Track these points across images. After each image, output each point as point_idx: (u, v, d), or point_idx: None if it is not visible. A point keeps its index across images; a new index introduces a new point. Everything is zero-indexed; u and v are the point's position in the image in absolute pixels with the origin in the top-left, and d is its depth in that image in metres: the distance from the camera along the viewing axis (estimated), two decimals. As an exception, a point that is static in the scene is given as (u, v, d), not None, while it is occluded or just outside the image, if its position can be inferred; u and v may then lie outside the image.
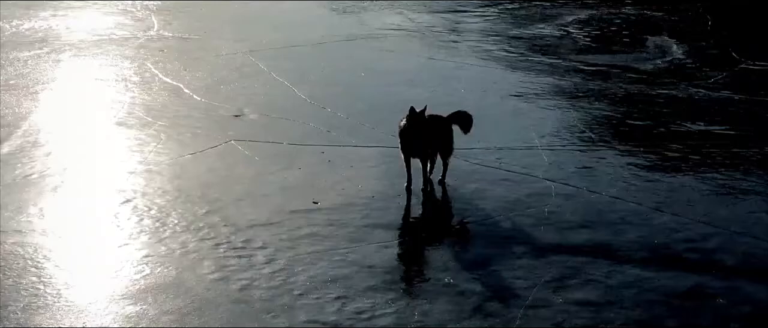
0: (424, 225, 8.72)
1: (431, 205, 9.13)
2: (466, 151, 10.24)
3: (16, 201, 8.97)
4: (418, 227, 8.67)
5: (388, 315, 6.86)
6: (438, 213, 9.00)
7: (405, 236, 8.43)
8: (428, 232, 8.52)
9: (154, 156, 10.31)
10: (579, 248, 8.04)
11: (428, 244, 8.25)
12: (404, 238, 8.39)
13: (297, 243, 8.13)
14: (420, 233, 8.53)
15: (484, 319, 6.82)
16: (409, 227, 8.65)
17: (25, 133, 11.08)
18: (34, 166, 9.94)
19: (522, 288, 7.29)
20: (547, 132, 11.23)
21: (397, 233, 8.42)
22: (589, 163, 10.15)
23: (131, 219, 8.62)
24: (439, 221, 8.78)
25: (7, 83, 13.35)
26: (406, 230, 8.58)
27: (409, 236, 8.46)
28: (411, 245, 8.25)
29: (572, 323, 6.78)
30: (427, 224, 8.75)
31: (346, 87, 13.46)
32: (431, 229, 8.59)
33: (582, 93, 13.13)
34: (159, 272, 7.54)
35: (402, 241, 8.31)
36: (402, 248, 8.15)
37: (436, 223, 8.74)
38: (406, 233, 8.49)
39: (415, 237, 8.44)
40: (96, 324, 6.70)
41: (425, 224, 8.74)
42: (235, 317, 6.83)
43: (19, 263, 7.65)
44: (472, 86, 13.47)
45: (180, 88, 13.18)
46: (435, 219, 8.83)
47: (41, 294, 7.13)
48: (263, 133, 11.10)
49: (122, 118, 11.82)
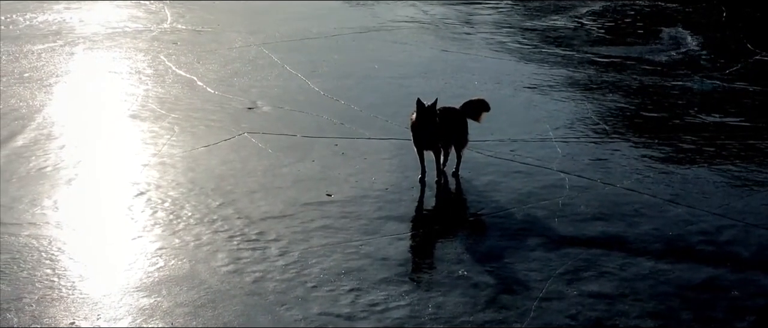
0: (438, 217, 8.71)
1: (445, 197, 9.11)
2: (479, 144, 10.22)
3: (31, 194, 8.99)
4: (432, 220, 8.66)
5: (401, 307, 6.86)
6: (451, 205, 8.98)
7: (418, 228, 8.42)
8: (442, 224, 8.50)
9: (167, 148, 10.32)
10: (593, 240, 8.02)
11: (442, 236, 8.23)
12: (418, 230, 8.37)
13: (310, 235, 8.13)
14: (433, 225, 8.52)
15: (498, 311, 6.81)
16: (423, 220, 8.64)
17: (39, 126, 11.10)
18: (48, 158, 9.96)
19: (536, 280, 7.27)
20: (561, 124, 11.20)
21: (410, 225, 8.41)
22: (603, 155, 10.12)
23: (145, 212, 8.64)
24: (452, 214, 8.76)
25: (22, 76, 13.38)
26: (419, 222, 8.57)
27: (422, 228, 8.45)
28: (424, 238, 8.23)
29: (586, 316, 6.76)
30: (441, 216, 8.74)
31: (360, 79, 13.45)
32: (445, 221, 8.57)
33: (596, 85, 13.09)
34: (173, 264, 7.55)
35: (415, 233, 8.30)
36: (415, 240, 8.14)
37: (449, 215, 8.72)
38: (419, 226, 8.48)
39: (429, 229, 8.42)
40: (110, 316, 6.71)
41: (439, 217, 8.73)
42: (249, 310, 6.84)
43: (34, 256, 7.67)
44: (486, 78, 13.45)
45: (193, 81, 13.20)
46: (448, 211, 8.82)
47: (56, 286, 7.15)
48: (277, 126, 11.10)
49: (136, 110, 11.84)
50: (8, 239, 7.96)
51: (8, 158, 9.92)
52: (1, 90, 12.61)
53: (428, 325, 6.62)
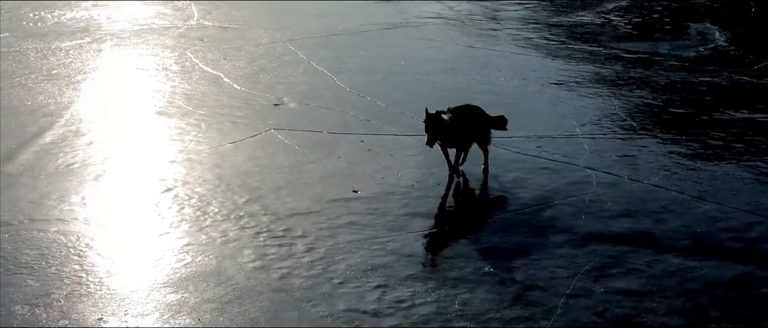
0: (464, 214, 8.69)
1: (471, 194, 9.10)
2: (506, 140, 10.19)
3: (59, 190, 9.04)
4: (458, 216, 8.64)
5: (428, 304, 6.85)
6: (478, 202, 8.97)
7: (445, 224, 8.41)
8: (468, 221, 8.49)
9: (194, 145, 10.35)
10: (620, 237, 7.99)
11: (468, 233, 8.22)
12: (444, 227, 8.36)
13: (337, 232, 8.13)
14: (460, 221, 8.50)
15: (525, 308, 6.79)
16: (449, 216, 8.63)
17: (67, 122, 11.16)
18: (76, 155, 10.01)
19: (563, 277, 7.25)
20: (588, 120, 11.15)
21: (436, 222, 8.40)
22: (631, 151, 10.07)
23: (172, 208, 8.67)
24: (478, 210, 8.74)
25: (50, 73, 13.45)
26: (445, 218, 8.55)
27: (448, 224, 8.44)
28: (451, 234, 8.22)
29: (613, 313, 6.73)
30: (467, 212, 8.72)
31: (386, 75, 13.44)
32: (471, 218, 8.56)
33: (623, 81, 13.03)
34: (200, 260, 7.57)
35: (442, 230, 8.29)
36: (442, 237, 8.13)
37: (475, 212, 8.71)
38: (445, 222, 8.47)
39: (455, 226, 8.40)
40: (137, 312, 6.74)
41: (465, 213, 8.71)
42: (275, 306, 6.85)
43: (62, 252, 7.71)
44: (512, 74, 13.41)
45: (220, 78, 13.23)
46: (475, 208, 8.80)
47: (84, 282, 7.19)
48: (303, 122, 11.12)
49: (163, 107, 11.88)
50: (37, 235, 8.01)
51: (37, 155, 9.98)
52: (30, 87, 12.69)
53: (455, 322, 6.61)
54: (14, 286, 7.08)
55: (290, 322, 6.61)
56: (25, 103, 11.91)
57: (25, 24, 16.96)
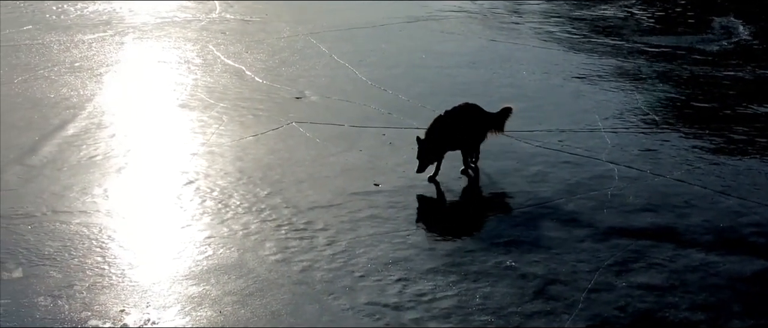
0: (486, 207, 8.67)
1: (493, 187, 9.07)
2: (527, 134, 10.17)
3: (81, 182, 9.08)
4: (480, 210, 8.61)
5: (449, 298, 6.84)
6: (499, 196, 8.93)
7: (466, 218, 8.39)
8: (489, 214, 8.47)
9: (216, 138, 10.37)
10: (642, 232, 7.95)
11: (489, 226, 8.20)
12: (465, 220, 8.34)
13: (358, 225, 8.13)
14: (481, 215, 8.47)
15: (546, 302, 6.77)
16: (471, 210, 8.60)
17: (89, 115, 11.21)
18: (98, 147, 10.05)
19: (584, 272, 7.23)
20: (610, 114, 11.11)
21: (457, 216, 8.38)
22: (653, 145, 10.03)
23: (194, 200, 8.69)
24: (500, 204, 8.72)
25: (73, 66, 13.51)
26: (467, 212, 8.53)
27: (470, 218, 8.41)
28: (472, 228, 8.20)
29: (635, 307, 6.71)
30: (489, 206, 8.69)
31: (407, 69, 13.43)
32: (492, 211, 8.54)
33: (646, 75, 12.97)
34: (221, 253, 7.58)
35: (463, 223, 8.27)
36: (463, 231, 8.11)
37: (497, 205, 8.68)
38: (467, 216, 8.44)
39: (476, 220, 8.38)
40: (159, 304, 6.76)
41: (487, 207, 8.69)
42: (297, 299, 6.86)
43: (85, 244, 7.74)
44: (534, 68, 13.37)
45: (242, 71, 13.25)
46: (496, 202, 8.77)
47: (106, 274, 7.22)
48: (324, 115, 11.12)
49: (185, 100, 11.91)
50: (59, 227, 8.05)
51: (59, 147, 10.02)
52: (53, 79, 12.74)
53: (475, 316, 6.60)
54: (37, 277, 7.11)
55: (311, 315, 6.62)
56: (48, 96, 11.97)
57: (48, 17, 17.04)
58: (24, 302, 6.73)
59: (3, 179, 9.10)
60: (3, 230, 7.95)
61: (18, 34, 15.65)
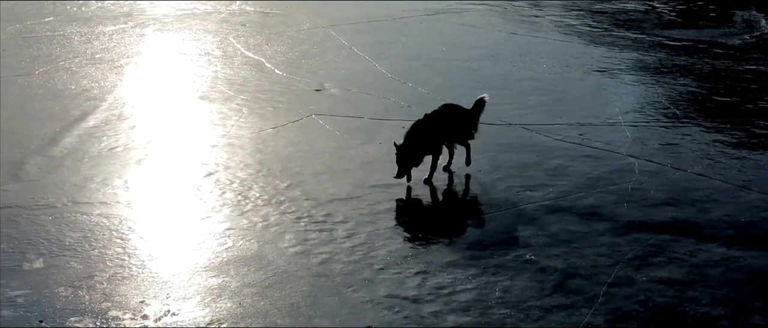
0: (505, 201, 8.64)
1: (512, 181, 9.04)
2: (548, 127, 10.15)
3: (102, 173, 9.11)
4: (499, 203, 8.59)
5: (468, 291, 6.83)
6: (519, 189, 8.90)
7: (486, 211, 8.37)
8: (509, 208, 8.44)
9: (236, 130, 10.39)
10: (663, 226, 7.92)
11: (509, 220, 8.17)
12: (485, 214, 8.32)
13: (377, 218, 8.13)
14: (501, 209, 8.45)
15: (566, 296, 6.75)
16: (490, 203, 8.57)
17: (110, 106, 11.24)
18: (118, 139, 10.08)
19: (604, 266, 7.20)
20: (631, 108, 11.07)
21: (477, 209, 8.36)
22: (674, 139, 9.98)
23: (214, 192, 8.70)
24: (520, 197, 8.69)
25: (93, 57, 13.55)
26: (486, 205, 8.51)
27: (489, 211, 8.39)
28: (492, 221, 8.17)
29: (655, 302, 6.68)
30: (508, 200, 8.66)
31: (427, 62, 13.41)
32: (512, 205, 8.51)
33: (667, 68, 12.91)
34: (241, 245, 7.60)
35: (482, 217, 8.25)
36: (482, 224, 8.09)
37: (517, 199, 8.65)
38: (487, 209, 8.42)
39: (496, 213, 8.36)
40: (179, 295, 6.78)
41: (506, 200, 8.65)
42: (316, 291, 6.86)
43: (105, 235, 7.77)
44: (554, 61, 13.33)
45: (262, 63, 13.26)
46: (516, 195, 8.74)
47: (126, 265, 7.24)
48: (344, 108, 11.12)
49: (205, 92, 11.93)
50: (80, 218, 8.08)
51: (80, 138, 10.06)
52: (74, 71, 12.79)
53: (495, 309, 6.59)
54: (58, 268, 7.14)
55: (331, 307, 6.62)
56: (69, 87, 12.01)
57: (69, 8, 17.10)
58: (45, 292, 6.76)
59: (24, 170, 9.14)
60: (24, 221, 7.98)
61: (39, 25, 15.71)
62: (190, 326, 6.35)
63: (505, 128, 10.36)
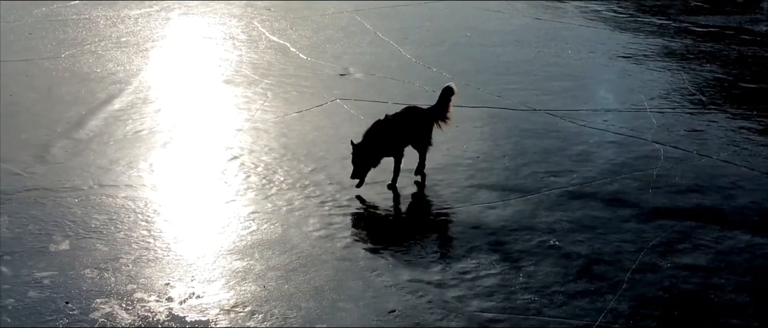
0: (529, 186, 8.61)
1: (536, 166, 9.01)
2: (573, 113, 10.12)
3: (127, 156, 9.15)
4: (523, 189, 8.56)
5: (492, 276, 6.83)
6: (543, 175, 8.88)
7: (510, 197, 8.35)
8: (533, 193, 8.43)
9: (260, 114, 10.41)
10: (688, 213, 7.88)
11: (533, 206, 8.14)
12: (509, 199, 8.31)
13: (401, 202, 8.13)
14: (525, 194, 8.43)
15: (590, 282, 6.74)
16: (514, 189, 8.55)
17: (135, 90, 11.29)
18: (144, 122, 10.12)
19: (629, 252, 7.18)
20: (656, 94, 11.02)
21: (501, 194, 8.35)
22: (700, 126, 9.94)
23: (238, 176, 8.73)
24: (544, 183, 8.67)
25: (119, 41, 13.60)
26: (510, 191, 8.48)
27: (513, 197, 8.38)
28: (516, 207, 8.15)
29: (680, 289, 6.66)
30: (532, 185, 8.64)
31: (451, 46, 13.39)
32: (536, 190, 8.49)
33: (693, 55, 12.84)
34: (265, 228, 7.62)
35: (507, 202, 8.23)
36: (507, 209, 8.07)
37: (541, 184, 8.63)
38: (510, 194, 8.40)
39: (520, 198, 8.35)
40: (204, 278, 6.80)
41: (530, 186, 8.63)
42: (340, 274, 6.87)
43: (130, 217, 7.81)
44: (579, 47, 13.28)
45: (286, 47, 13.27)
46: (540, 181, 8.72)
47: (151, 248, 7.27)
48: (368, 92, 11.12)
49: (230, 76, 11.96)
50: (106, 200, 8.12)
51: (106, 121, 10.11)
52: (99, 54, 12.84)
53: (519, 294, 6.58)
54: (84, 250, 7.18)
55: (355, 291, 6.63)
56: (95, 70, 12.06)
57: (94, -8, 17.16)
58: (71, 273, 6.80)
59: (50, 153, 9.19)
60: (50, 203, 8.03)
61: (65, 8, 15.79)
62: (214, 308, 6.38)
63: (529, 114, 10.34)
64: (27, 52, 12.96)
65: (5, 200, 8.04)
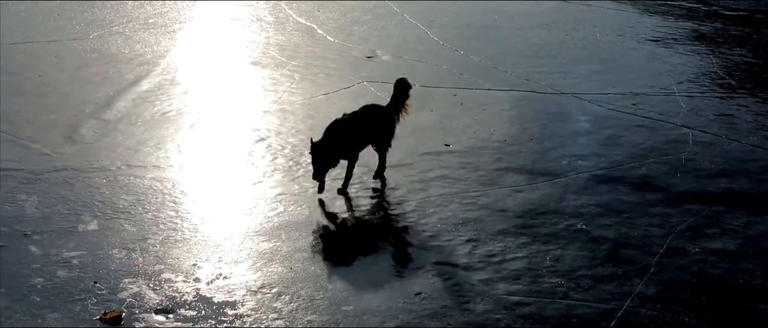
0: (556, 170, 8.58)
1: (564, 150, 8.98)
2: (601, 97, 10.07)
3: (155, 137, 9.18)
4: (550, 172, 8.54)
5: (519, 259, 6.81)
6: (571, 159, 8.84)
7: (537, 180, 8.32)
8: (560, 177, 8.40)
9: (287, 96, 10.42)
10: (716, 197, 7.84)
11: (560, 189, 8.12)
12: (536, 182, 8.28)
13: (428, 185, 8.13)
14: (552, 178, 8.41)
15: (617, 266, 6.71)
16: (541, 172, 8.52)
17: (163, 71, 11.31)
18: (172, 103, 10.15)
19: (657, 236, 7.14)
20: (685, 78, 10.96)
21: (528, 178, 8.32)
22: (729, 110, 9.87)
23: (265, 157, 8.74)
24: (571, 167, 8.63)
25: (147, 22, 13.63)
26: (538, 174, 8.46)
27: (541, 180, 8.35)
28: (543, 190, 8.12)
29: (708, 274, 6.62)
30: (559, 169, 8.61)
31: (479, 29, 13.34)
32: (563, 174, 8.46)
33: (722, 38, 12.75)
34: (292, 210, 7.62)
35: (534, 185, 8.21)
36: (534, 193, 8.05)
37: (568, 168, 8.60)
38: (538, 178, 8.37)
39: (547, 182, 8.32)
40: (231, 259, 6.82)
41: (557, 169, 8.60)
42: (367, 256, 6.87)
43: (158, 198, 7.83)
44: (608, 30, 13.21)
45: (313, 29, 13.27)
46: (568, 165, 8.69)
47: (179, 228, 7.30)
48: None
49: (257, 57, 11.97)
50: (133, 181, 8.15)
51: (134, 102, 10.14)
52: (127, 35, 12.88)
53: (546, 278, 6.56)
54: (112, 230, 7.22)
55: (381, 273, 6.63)
56: (123, 52, 12.10)
57: (123, -27, 17.21)
58: (99, 253, 6.83)
59: (79, 133, 9.23)
60: (79, 183, 8.07)
61: (93, -10, 15.84)
62: (241, 289, 6.40)
63: (557, 97, 10.30)
64: (56, 33, 13.01)
65: (35, 180, 8.09)
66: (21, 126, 9.37)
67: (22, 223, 7.29)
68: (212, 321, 6.01)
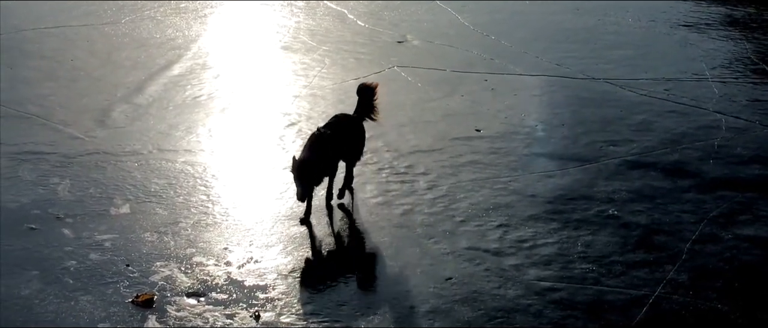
0: (587, 156, 8.54)
1: (595, 135, 8.94)
2: (633, 82, 10.01)
3: (186, 121, 9.21)
4: (582, 157, 8.50)
5: (550, 245, 6.80)
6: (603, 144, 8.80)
7: (568, 166, 8.29)
8: (591, 163, 8.36)
9: (318, 80, 10.42)
10: (749, 183, 7.78)
11: (591, 175, 8.08)
12: (567, 168, 8.25)
13: (459, 170, 8.11)
14: (583, 163, 8.37)
15: (649, 252, 6.68)
16: (573, 157, 8.48)
17: (194, 55, 11.34)
18: (203, 87, 10.18)
19: (689, 223, 7.10)
20: (718, 64, 10.87)
21: (560, 163, 8.29)
22: (763, 96, 9.79)
23: (296, 142, 8.75)
24: (603, 152, 8.59)
25: (178, 6, 13.66)
26: (569, 159, 8.42)
27: (572, 166, 8.32)
28: (574, 176, 8.09)
29: (741, 260, 6.58)
30: (591, 154, 8.57)
31: (510, 14, 13.29)
32: (594, 160, 8.42)
33: (756, 24, 12.63)
34: (323, 194, 7.62)
35: (565, 171, 8.18)
36: (565, 178, 8.02)
37: (599, 154, 8.56)
38: (569, 163, 8.34)
39: (578, 168, 8.29)
40: (262, 243, 6.85)
41: (588, 155, 8.56)
42: (397, 241, 6.88)
43: (189, 182, 7.87)
44: (640, 15, 13.12)
45: (344, 14, 13.26)
46: (599, 150, 8.65)
47: (210, 212, 7.33)
48: (426, 60, 11.08)
49: (288, 42, 11.98)
50: (165, 165, 8.19)
51: (165, 87, 10.18)
52: (158, 20, 12.92)
53: (576, 264, 6.55)
54: (144, 214, 7.26)
55: (412, 258, 6.64)
56: (154, 36, 12.14)
57: (154, -42, 17.24)
58: (131, 236, 6.88)
59: (111, 117, 9.28)
60: (111, 167, 8.12)
61: (125, -26, 15.88)
62: (272, 273, 6.42)
63: (589, 82, 10.25)
64: (88, 17, 13.06)
65: (67, 164, 8.15)
66: (53, 110, 9.43)
67: (55, 206, 7.34)
68: (243, 304, 6.04)
